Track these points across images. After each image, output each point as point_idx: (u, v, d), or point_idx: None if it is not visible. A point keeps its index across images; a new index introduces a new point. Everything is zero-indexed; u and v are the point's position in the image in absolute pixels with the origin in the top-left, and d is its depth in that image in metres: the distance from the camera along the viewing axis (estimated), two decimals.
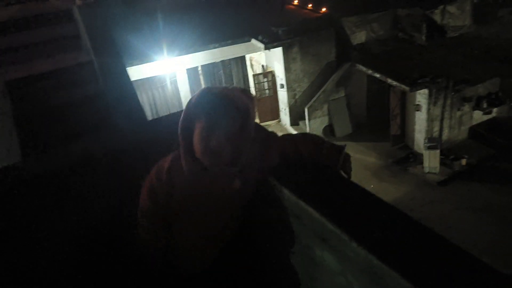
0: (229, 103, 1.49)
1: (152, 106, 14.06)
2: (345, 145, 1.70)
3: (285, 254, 1.79)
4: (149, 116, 12.63)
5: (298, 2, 16.01)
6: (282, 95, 14.37)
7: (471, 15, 14.66)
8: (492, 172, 11.53)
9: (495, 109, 12.52)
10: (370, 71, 12.65)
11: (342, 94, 13.87)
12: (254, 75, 15.31)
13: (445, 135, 12.38)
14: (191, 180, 1.59)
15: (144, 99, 13.52)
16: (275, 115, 15.29)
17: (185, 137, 1.54)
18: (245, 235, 1.80)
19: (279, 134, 1.85)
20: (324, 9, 14.71)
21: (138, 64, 11.73)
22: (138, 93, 12.81)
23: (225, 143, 1.48)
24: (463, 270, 1.10)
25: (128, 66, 10.91)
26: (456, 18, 14.52)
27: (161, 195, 1.64)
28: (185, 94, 14.18)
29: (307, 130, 13.81)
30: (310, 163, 1.69)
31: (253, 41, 12.92)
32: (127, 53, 10.99)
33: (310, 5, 15.33)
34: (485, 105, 12.12)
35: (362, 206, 1.38)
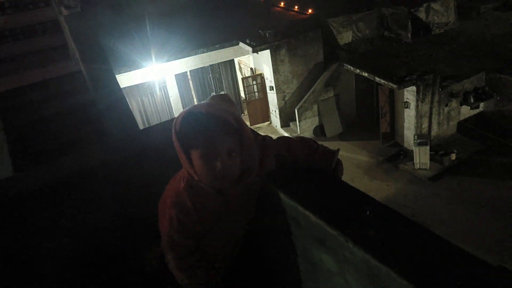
0: (220, 121, 1.40)
1: (142, 112, 14.03)
2: (338, 150, 1.72)
3: (283, 256, 1.82)
4: (140, 122, 12.60)
5: (284, 4, 16.10)
6: (272, 97, 14.42)
7: (455, 11, 14.87)
8: (481, 166, 11.68)
9: (482, 104, 12.68)
10: (358, 71, 12.75)
11: (331, 94, 13.96)
12: (243, 78, 15.35)
13: (434, 131, 12.51)
14: (211, 202, 1.56)
15: (133, 105, 13.48)
16: (266, 117, 15.34)
17: (191, 166, 1.45)
18: (245, 238, 1.84)
19: (273, 136, 1.86)
20: (310, 11, 14.81)
21: (127, 71, 11.71)
22: (127, 100, 12.78)
23: (230, 163, 1.43)
24: (458, 266, 1.13)
25: (117, 74, 10.89)
26: (440, 15, 14.71)
27: (191, 226, 1.58)
28: (175, 100, 14.17)
29: (298, 131, 13.88)
30: (304, 166, 1.72)
31: (241, 44, 12.96)
32: (116, 60, 10.97)
33: (296, 7, 15.43)
34: (472, 100, 12.28)
35: (356, 207, 1.41)
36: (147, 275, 1.95)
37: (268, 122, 15.38)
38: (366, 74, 12.45)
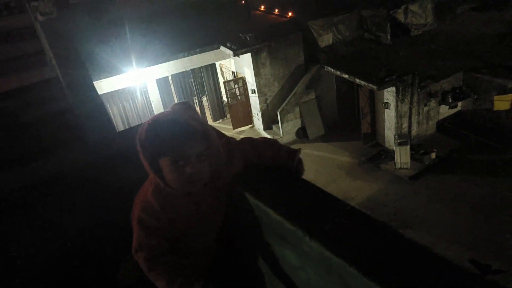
0: (186, 127, 1.46)
1: (123, 118, 13.95)
2: (299, 149, 1.78)
3: (252, 253, 1.86)
4: (121, 128, 12.53)
5: (264, 8, 16.20)
6: (254, 100, 14.49)
7: (433, 13, 15.16)
8: (460, 163, 11.92)
9: (460, 103, 12.94)
10: (338, 72, 12.90)
11: (312, 96, 14.08)
12: (225, 82, 15.39)
13: (414, 130, 12.72)
14: (181, 204, 1.60)
15: (115, 111, 13.40)
16: (248, 120, 15.39)
17: (157, 173, 1.49)
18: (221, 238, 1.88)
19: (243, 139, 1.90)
20: (290, 14, 14.93)
21: (107, 77, 11.65)
22: (108, 105, 12.74)
23: (200, 167, 1.48)
24: (408, 257, 1.19)
25: (97, 79, 10.83)
26: (418, 16, 14.99)
27: (161, 228, 1.61)
28: (156, 105, 14.14)
29: (281, 133, 13.96)
30: (268, 166, 1.77)
31: (222, 48, 13.01)
32: (96, 66, 10.91)
33: (276, 10, 15.55)
34: (450, 100, 12.52)
35: (314, 203, 1.46)
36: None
37: (251, 125, 15.43)
38: (346, 76, 12.60)
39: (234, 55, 12.71)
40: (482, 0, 15.01)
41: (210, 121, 16.15)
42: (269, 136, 13.99)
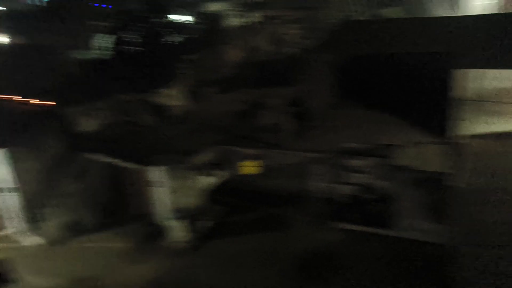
0: None
1: None
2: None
3: None
4: None
5: (22, 96, 15.25)
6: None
7: (187, 95, 16.91)
8: (231, 227, 13.16)
9: (222, 172, 14.32)
10: (102, 156, 12.83)
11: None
12: None
13: (186, 203, 13.37)
14: None
15: None
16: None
17: None
18: None
19: None
20: (48, 102, 14.46)
21: None
22: None
23: None
24: None
25: None
26: (174, 98, 16.49)
27: None
28: None
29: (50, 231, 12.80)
30: None
31: None
32: None
33: (35, 98, 14.85)
34: (213, 170, 13.79)
35: None
36: None
37: None
38: (111, 159, 12.59)
39: None
40: (226, 84, 17.55)
41: None
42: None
